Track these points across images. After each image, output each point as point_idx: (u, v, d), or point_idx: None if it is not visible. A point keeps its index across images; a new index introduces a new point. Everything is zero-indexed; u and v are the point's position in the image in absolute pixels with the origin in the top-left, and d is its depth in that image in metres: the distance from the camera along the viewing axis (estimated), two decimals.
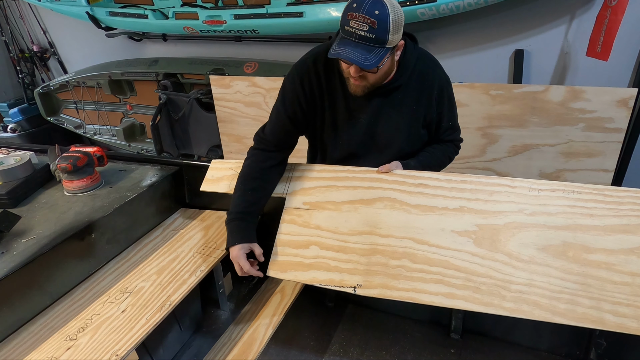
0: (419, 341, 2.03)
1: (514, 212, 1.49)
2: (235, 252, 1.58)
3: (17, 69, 5.32)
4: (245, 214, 1.63)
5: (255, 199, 1.66)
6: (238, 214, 1.63)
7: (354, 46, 1.32)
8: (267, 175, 1.70)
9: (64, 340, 1.46)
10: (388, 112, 1.60)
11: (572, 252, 1.39)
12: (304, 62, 1.60)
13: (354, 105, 1.60)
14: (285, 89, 1.63)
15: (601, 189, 1.48)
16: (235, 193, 1.67)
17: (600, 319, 1.29)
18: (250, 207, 1.65)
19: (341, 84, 1.56)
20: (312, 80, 1.58)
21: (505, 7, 2.98)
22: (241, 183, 1.68)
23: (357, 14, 1.29)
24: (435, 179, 1.62)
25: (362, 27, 1.29)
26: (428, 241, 1.51)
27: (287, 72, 1.64)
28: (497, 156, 2.67)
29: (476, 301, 1.38)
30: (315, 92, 1.60)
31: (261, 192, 1.68)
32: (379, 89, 1.53)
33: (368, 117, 1.61)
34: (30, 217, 1.81)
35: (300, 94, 1.59)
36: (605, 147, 2.45)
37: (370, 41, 1.31)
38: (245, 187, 1.66)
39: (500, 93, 2.51)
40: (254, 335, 1.72)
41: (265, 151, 1.69)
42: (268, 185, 1.71)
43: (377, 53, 1.33)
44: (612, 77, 2.91)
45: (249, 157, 1.71)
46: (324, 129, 1.68)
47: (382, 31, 1.30)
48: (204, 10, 3.71)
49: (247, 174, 1.68)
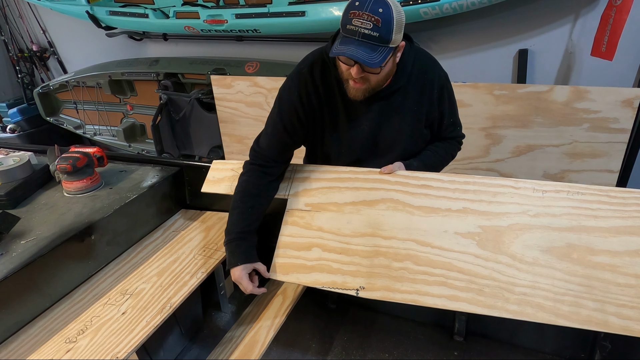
0: (421, 343, 2.02)
1: (518, 214, 1.48)
2: (238, 273, 1.56)
3: (17, 68, 5.33)
4: (245, 233, 1.61)
5: (254, 217, 1.64)
6: (238, 234, 1.60)
7: (358, 45, 1.30)
8: (266, 192, 1.68)
9: (64, 343, 1.45)
10: (390, 116, 1.58)
11: (577, 253, 1.38)
12: (300, 72, 1.57)
13: (355, 112, 1.57)
14: (282, 100, 1.60)
15: (606, 190, 1.47)
16: (234, 211, 1.64)
17: (605, 322, 1.28)
18: (250, 226, 1.62)
19: (340, 92, 1.54)
20: (309, 91, 1.55)
21: (509, 6, 2.98)
22: (240, 200, 1.64)
23: (361, 12, 1.27)
24: (439, 180, 1.60)
25: (366, 26, 1.27)
26: (431, 243, 1.50)
27: (288, 72, 1.62)
28: (500, 157, 2.66)
29: (479, 303, 1.37)
30: (313, 103, 1.57)
31: (260, 209, 1.66)
32: (379, 93, 1.51)
33: (369, 123, 1.58)
34: (30, 218, 1.80)
35: (298, 106, 1.56)
36: (610, 148, 2.44)
37: (374, 40, 1.29)
38: (245, 205, 1.63)
39: (504, 93, 2.50)
40: (255, 337, 1.71)
41: (262, 166, 1.66)
42: (266, 201, 1.69)
43: (381, 52, 1.31)
44: (617, 77, 2.90)
45: (246, 173, 1.68)
46: (324, 138, 1.66)
47: (386, 30, 1.28)
48: (205, 9, 3.71)
49: (245, 190, 1.65)
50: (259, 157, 1.66)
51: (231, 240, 1.61)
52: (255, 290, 1.58)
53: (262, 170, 1.66)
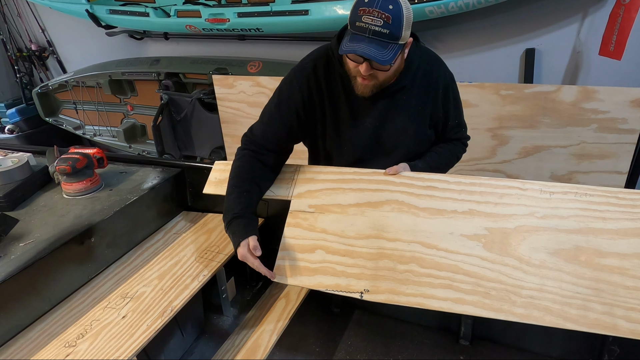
0: (427, 348, 2.01)
1: (525, 215, 1.47)
2: (241, 251, 1.51)
3: (15, 68, 5.33)
4: (243, 213, 1.57)
5: (250, 200, 1.60)
6: (235, 214, 1.56)
7: (369, 42, 1.30)
8: (259, 178, 1.65)
9: (63, 347, 1.44)
10: (394, 115, 1.57)
11: (585, 256, 1.37)
12: (303, 67, 1.57)
13: (358, 109, 1.57)
14: (282, 93, 1.59)
15: (614, 192, 1.45)
16: (230, 197, 1.61)
17: (613, 325, 1.27)
18: (247, 208, 1.59)
19: (343, 89, 1.53)
20: (311, 87, 1.55)
21: (516, 4, 2.98)
22: (234, 186, 1.62)
23: (371, 9, 1.27)
24: (444, 181, 1.59)
25: (376, 22, 1.27)
26: (437, 245, 1.48)
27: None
28: (507, 158, 2.65)
29: (486, 307, 1.36)
30: (315, 99, 1.56)
31: (255, 194, 1.63)
32: (384, 90, 1.50)
33: (373, 121, 1.58)
34: (28, 221, 1.79)
35: (298, 102, 1.56)
36: (619, 149, 2.43)
37: (384, 37, 1.29)
38: (240, 190, 1.60)
39: (511, 93, 2.48)
40: (258, 341, 1.71)
41: (255, 152, 1.64)
42: (262, 185, 1.66)
43: (392, 49, 1.31)
44: (625, 77, 2.89)
45: (239, 159, 1.65)
46: (326, 136, 1.65)
47: (396, 26, 1.28)
48: (206, 8, 3.72)
49: (239, 175, 1.63)
50: (251, 143, 1.64)
51: (229, 222, 1.56)
52: (262, 268, 1.49)
53: (254, 156, 1.63)
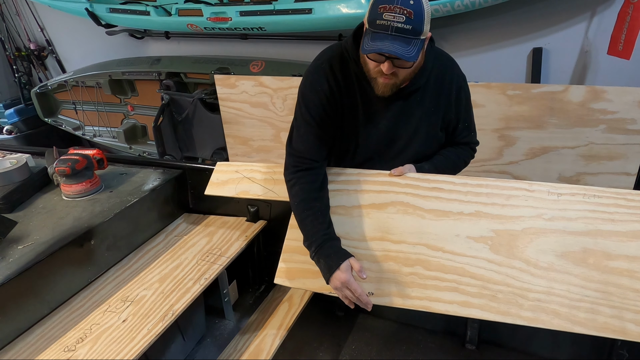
0: (432, 352, 2.00)
1: (532, 217, 1.46)
2: (343, 277, 1.38)
3: (14, 68, 5.32)
4: (330, 234, 1.51)
5: (329, 219, 1.55)
6: (325, 236, 1.49)
7: (392, 39, 1.28)
8: (324, 194, 1.60)
9: (63, 351, 1.44)
10: (407, 116, 1.56)
11: (593, 258, 1.36)
12: (320, 66, 1.55)
13: (373, 110, 1.55)
14: (305, 97, 1.56)
15: (623, 193, 1.44)
16: (305, 221, 1.53)
17: (622, 329, 1.27)
18: (329, 227, 1.53)
19: (359, 88, 1.52)
20: (331, 84, 1.53)
21: (523, 3, 2.96)
22: (305, 210, 1.54)
23: (392, 6, 1.25)
24: (450, 183, 1.58)
25: (398, 19, 1.25)
26: (442, 247, 1.47)
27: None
28: (514, 159, 2.62)
29: (492, 310, 1.35)
30: (336, 96, 1.54)
31: (327, 211, 1.57)
32: (399, 92, 1.49)
33: (387, 122, 1.56)
34: (27, 223, 1.80)
35: (322, 99, 1.54)
36: (628, 150, 2.40)
37: (407, 33, 1.27)
38: (313, 210, 1.53)
39: (518, 93, 2.46)
40: (260, 346, 1.72)
41: (309, 170, 1.58)
42: (326, 205, 1.60)
43: (415, 45, 1.29)
44: (634, 77, 2.86)
45: (296, 183, 1.58)
46: (342, 132, 1.63)
47: (418, 22, 1.26)
48: (208, 6, 3.70)
49: (305, 199, 1.56)
50: (302, 161, 1.59)
51: (319, 245, 1.47)
52: (363, 296, 1.37)
53: (310, 173, 1.58)
